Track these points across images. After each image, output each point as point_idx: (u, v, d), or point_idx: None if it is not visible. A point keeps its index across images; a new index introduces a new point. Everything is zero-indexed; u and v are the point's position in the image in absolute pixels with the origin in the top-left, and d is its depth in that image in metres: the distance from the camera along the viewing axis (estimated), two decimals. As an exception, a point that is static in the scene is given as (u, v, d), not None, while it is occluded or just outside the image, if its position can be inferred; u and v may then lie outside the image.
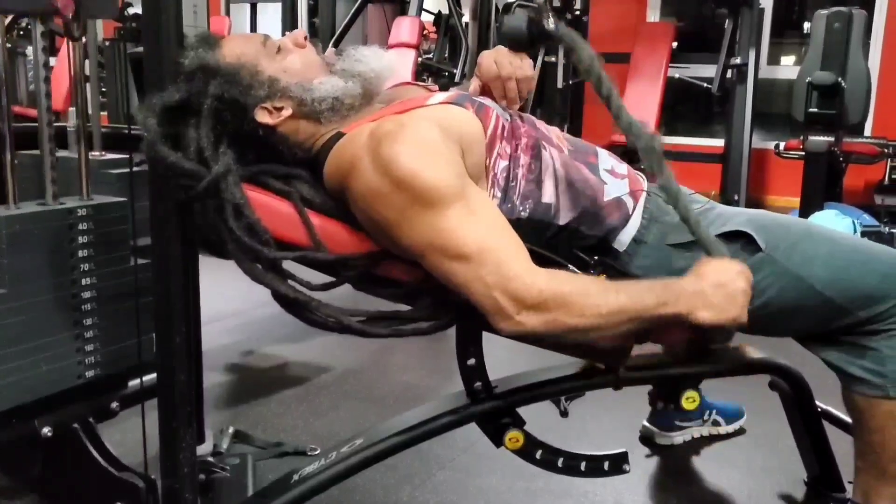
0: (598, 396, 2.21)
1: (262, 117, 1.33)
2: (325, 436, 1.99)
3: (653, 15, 6.43)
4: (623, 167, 1.48)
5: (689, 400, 1.62)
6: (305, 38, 1.37)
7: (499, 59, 1.42)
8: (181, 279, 1.37)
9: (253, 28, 6.87)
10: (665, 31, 5.91)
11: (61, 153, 1.62)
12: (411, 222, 1.21)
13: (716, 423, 2.06)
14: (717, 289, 1.21)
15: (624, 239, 1.40)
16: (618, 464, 1.60)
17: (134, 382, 1.62)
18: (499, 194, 1.34)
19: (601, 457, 1.59)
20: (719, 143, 5.90)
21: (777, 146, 4.98)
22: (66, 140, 1.89)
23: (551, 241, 1.38)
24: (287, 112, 1.34)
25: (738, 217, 1.41)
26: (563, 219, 1.37)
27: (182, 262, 1.37)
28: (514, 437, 1.52)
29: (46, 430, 1.48)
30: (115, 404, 1.60)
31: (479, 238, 1.19)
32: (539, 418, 2.11)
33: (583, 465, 1.58)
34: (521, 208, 1.35)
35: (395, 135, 1.21)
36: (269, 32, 1.47)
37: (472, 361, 1.49)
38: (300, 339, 2.68)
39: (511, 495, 1.78)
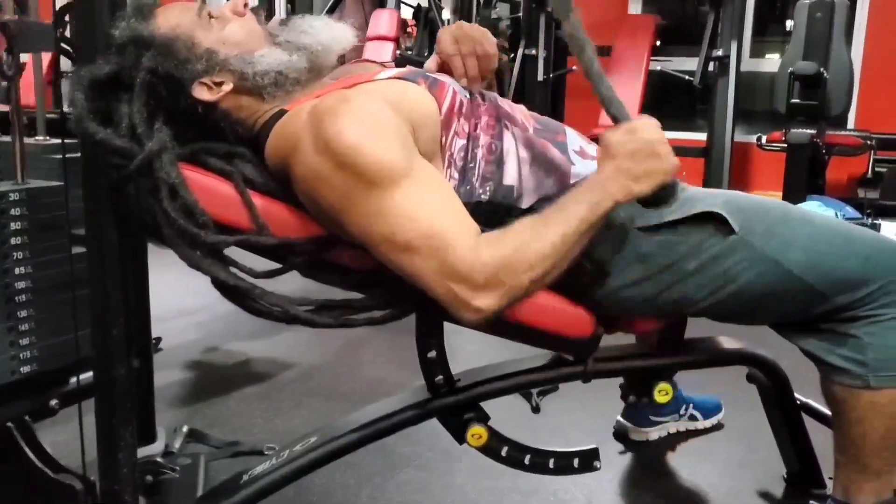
0: (571, 392, 2.16)
1: (201, 93, 1.24)
2: (286, 435, 1.89)
3: (634, 7, 6.37)
4: (593, 148, 1.40)
5: (661, 392, 1.55)
6: (245, 5, 1.28)
7: (458, 36, 1.34)
8: (118, 267, 1.28)
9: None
10: (646, 23, 5.83)
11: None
12: (353, 205, 1.12)
13: (693, 418, 1.99)
14: (634, 157, 1.15)
15: (591, 222, 1.31)
16: (588, 461, 1.52)
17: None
18: (456, 175, 1.25)
19: (570, 453, 1.51)
20: (702, 136, 5.84)
21: (759, 138, 4.92)
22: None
23: (514, 224, 1.29)
24: (227, 87, 1.25)
25: (712, 198, 1.33)
26: (527, 201, 1.29)
27: (118, 250, 1.29)
28: (476, 432, 1.44)
29: (-24, 430, 1.38)
30: (54, 402, 1.51)
31: (422, 223, 1.12)
32: (509, 414, 2.05)
33: (551, 463, 1.51)
34: (480, 191, 1.26)
35: (335, 111, 1.13)
36: None
37: (432, 354, 1.42)
38: (266, 336, 2.58)
39: (477, 494, 1.70)
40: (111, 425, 1.33)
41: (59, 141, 1.76)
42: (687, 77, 5.51)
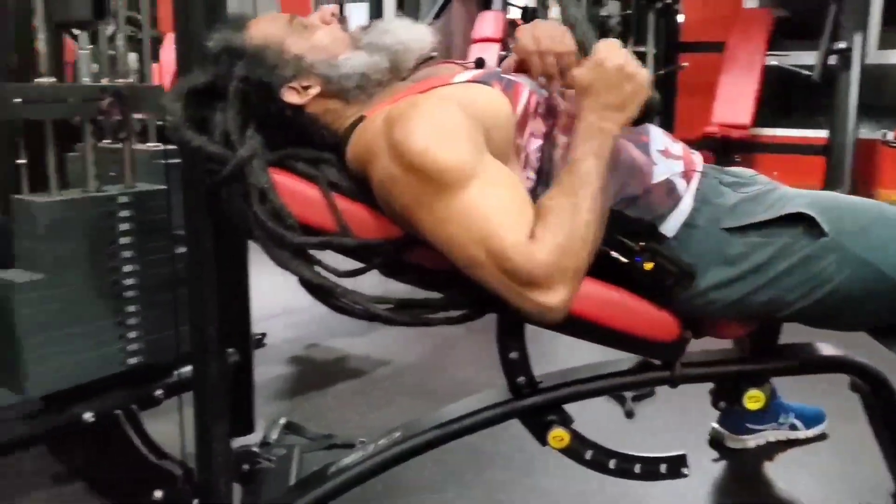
0: (667, 397, 2.11)
1: (290, 97, 1.29)
2: (378, 429, 1.91)
3: (750, 1, 6.14)
4: (678, 147, 1.37)
5: (752, 399, 1.49)
6: (333, 14, 1.33)
7: (536, 34, 1.34)
8: (213, 268, 1.36)
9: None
10: (762, 17, 5.63)
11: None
12: (423, 208, 1.15)
13: (793, 427, 1.91)
14: (611, 88, 1.18)
15: (673, 223, 1.29)
16: (676, 467, 1.49)
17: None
18: (532, 175, 1.26)
19: (658, 459, 1.48)
20: (822, 134, 5.58)
21: (885, 135, 4.66)
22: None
23: (593, 226, 1.28)
24: (314, 90, 1.30)
25: (801, 198, 1.28)
26: (607, 203, 1.28)
27: (214, 251, 1.36)
28: (558, 435, 1.43)
29: (88, 416, 1.49)
30: (159, 392, 1.61)
31: (481, 232, 1.13)
32: (601, 417, 2.04)
33: (637, 468, 1.48)
34: (559, 191, 1.26)
35: (405, 115, 1.15)
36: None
37: (514, 355, 1.42)
38: (362, 333, 2.65)
39: (562, 496, 1.70)
40: (206, 418, 1.41)
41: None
42: (805, 72, 5.29)
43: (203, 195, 1.31)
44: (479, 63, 1.41)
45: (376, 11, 6.33)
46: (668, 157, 1.33)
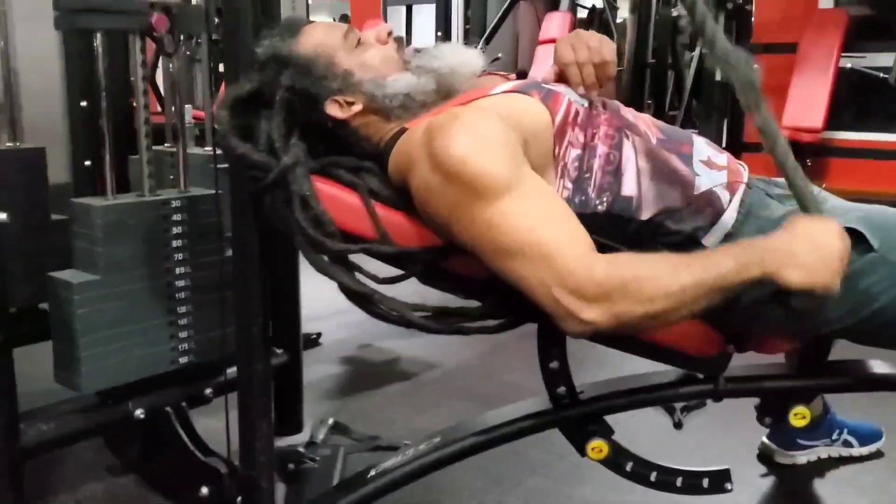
0: (717, 409, 2.07)
1: (333, 110, 1.31)
2: (423, 432, 1.92)
3: (826, 1, 5.96)
4: (723, 157, 1.35)
5: (798, 416, 1.46)
6: (389, 34, 1.35)
7: (575, 44, 1.34)
8: (258, 271, 1.39)
9: (408, 29, 7.01)
10: (837, 18, 5.46)
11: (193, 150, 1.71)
12: (463, 216, 1.15)
13: (847, 444, 1.86)
14: (810, 248, 1.09)
15: (715, 235, 1.27)
16: (719, 482, 1.47)
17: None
18: (570, 185, 1.25)
19: (700, 473, 1.47)
20: (900, 138, 5.39)
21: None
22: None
23: (633, 236, 1.27)
24: (357, 107, 1.31)
25: (852, 213, 1.25)
26: (646, 213, 1.27)
27: (261, 253, 1.40)
28: (597, 446, 1.42)
29: (139, 412, 1.55)
30: (208, 391, 1.66)
31: (532, 231, 1.12)
32: (650, 428, 2.02)
33: (678, 481, 1.47)
34: (597, 201, 1.26)
35: (446, 127, 1.16)
36: (423, 33, 1.47)
37: (554, 364, 1.41)
38: (413, 336, 2.63)
39: (602, 508, 1.69)
40: (250, 416, 1.45)
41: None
42: (882, 74, 5.11)
43: (248, 200, 1.35)
44: (521, 75, 1.42)
45: (444, 11, 6.35)
46: (711, 167, 1.31)
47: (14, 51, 1.78)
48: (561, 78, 1.36)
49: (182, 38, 1.64)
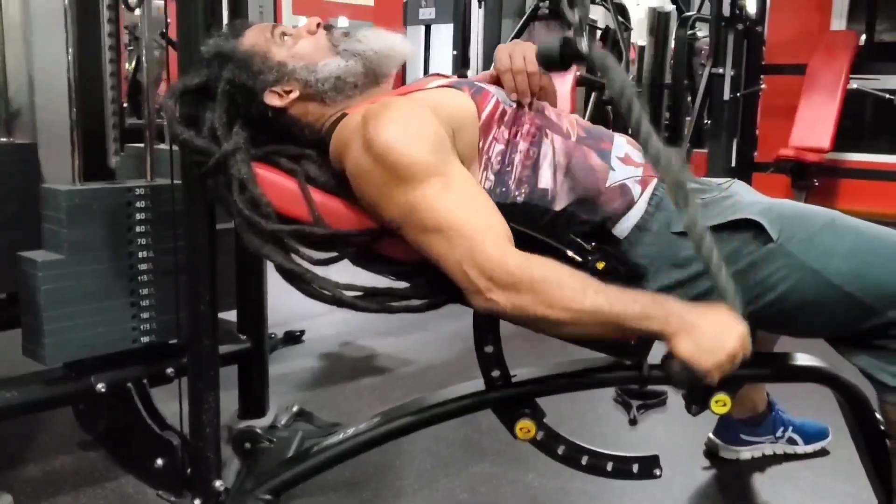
0: (674, 409, 2.13)
1: (272, 100, 1.41)
2: (384, 421, 2.04)
3: (838, 23, 5.98)
4: (640, 156, 1.43)
5: (719, 403, 1.50)
6: (318, 25, 1.44)
7: (512, 53, 1.42)
8: (206, 252, 1.49)
9: (427, 48, 7.14)
10: (847, 39, 5.47)
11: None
12: (389, 197, 1.24)
13: (791, 442, 1.90)
14: (712, 333, 1.15)
15: (625, 226, 1.34)
16: (648, 468, 1.53)
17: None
18: (492, 177, 1.33)
19: (630, 458, 1.52)
20: (907, 160, 5.38)
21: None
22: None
23: (548, 225, 1.35)
24: (294, 94, 1.41)
25: (753, 206, 1.31)
26: (560, 204, 1.34)
27: (208, 236, 1.49)
28: (524, 426, 1.48)
29: (101, 386, 1.64)
30: (170, 370, 1.75)
31: (453, 213, 1.20)
32: (605, 425, 2.07)
33: (609, 466, 1.52)
34: (516, 192, 1.34)
35: (379, 114, 1.25)
36: (441, 53, 1.55)
37: (489, 348, 1.49)
38: (397, 335, 2.76)
39: (540, 492, 1.74)
40: (198, 390, 1.54)
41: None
42: (888, 96, 5.12)
43: (196, 184, 1.45)
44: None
45: (461, 31, 6.46)
46: (627, 164, 1.38)
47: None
48: (497, 82, 1.45)
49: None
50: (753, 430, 1.87)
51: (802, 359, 1.54)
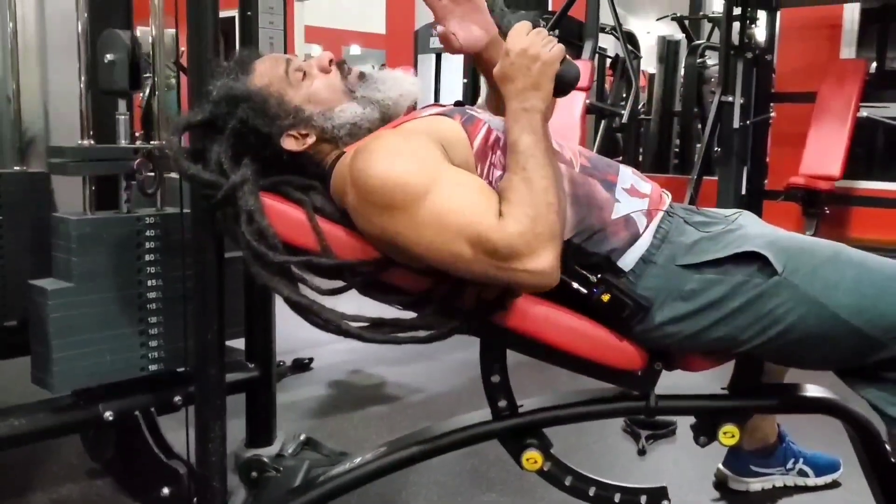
0: (682, 440, 2.12)
1: (289, 144, 1.39)
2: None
3: (847, 51, 5.99)
4: (647, 186, 1.43)
5: (727, 435, 1.50)
6: (331, 62, 1.44)
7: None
8: (214, 281, 1.50)
9: (437, 76, 7.19)
10: (856, 68, 5.47)
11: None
12: (399, 227, 1.23)
13: (802, 474, 1.88)
14: (522, 72, 1.25)
15: (630, 258, 1.34)
16: (656, 499, 1.52)
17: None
18: (494, 205, 1.34)
19: (638, 490, 1.51)
20: (921, 189, 5.36)
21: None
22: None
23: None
24: (311, 139, 1.40)
25: (759, 238, 1.31)
26: (564, 235, 1.34)
27: (217, 266, 1.50)
28: (531, 457, 1.48)
29: (109, 415, 1.65)
30: (177, 399, 1.75)
31: (457, 224, 1.20)
32: (614, 455, 2.06)
33: (617, 497, 1.51)
34: (518, 223, 1.34)
35: (367, 148, 1.26)
36: (451, 81, 1.57)
37: (496, 378, 1.49)
38: (405, 363, 2.76)
39: (549, 524, 1.73)
40: (204, 418, 1.54)
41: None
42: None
43: (205, 216, 1.46)
44: (457, 104, 1.52)
45: (471, 59, 6.50)
46: (633, 195, 1.38)
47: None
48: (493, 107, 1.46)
49: (161, 176, 1.76)
50: (764, 462, 1.86)
51: (812, 390, 1.53)
